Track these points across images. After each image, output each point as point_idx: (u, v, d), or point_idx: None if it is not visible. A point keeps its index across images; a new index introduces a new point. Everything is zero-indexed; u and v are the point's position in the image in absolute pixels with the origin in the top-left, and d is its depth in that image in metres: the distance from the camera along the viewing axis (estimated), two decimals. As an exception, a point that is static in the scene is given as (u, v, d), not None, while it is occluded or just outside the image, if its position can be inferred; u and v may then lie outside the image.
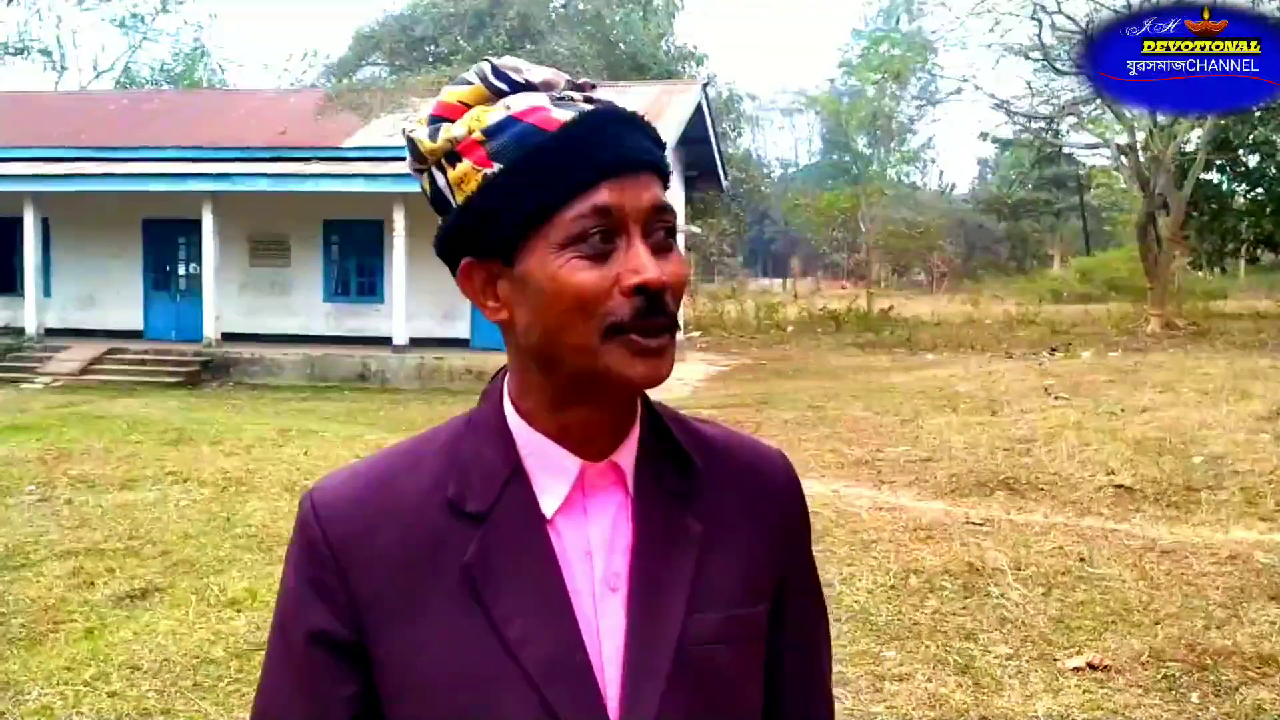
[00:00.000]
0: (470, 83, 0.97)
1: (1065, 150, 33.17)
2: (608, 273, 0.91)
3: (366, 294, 20.01)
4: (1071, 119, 28.12)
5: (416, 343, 17.93)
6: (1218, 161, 24.24)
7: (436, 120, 0.97)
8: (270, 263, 20.09)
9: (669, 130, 19.60)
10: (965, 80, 27.77)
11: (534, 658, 0.93)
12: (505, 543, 0.96)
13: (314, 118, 20.93)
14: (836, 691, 4.48)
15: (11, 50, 39.79)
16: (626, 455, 1.00)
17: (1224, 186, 25.90)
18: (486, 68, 0.97)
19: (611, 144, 0.93)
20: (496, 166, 0.93)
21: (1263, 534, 6.89)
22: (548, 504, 0.98)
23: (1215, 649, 4.82)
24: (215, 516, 7.62)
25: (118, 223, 19.65)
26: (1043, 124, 28.46)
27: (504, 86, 0.96)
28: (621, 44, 31.32)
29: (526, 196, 0.92)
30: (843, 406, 13.19)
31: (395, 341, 17.80)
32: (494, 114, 0.94)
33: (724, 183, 25.91)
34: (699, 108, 21.40)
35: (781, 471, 1.11)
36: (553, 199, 0.91)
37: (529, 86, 0.96)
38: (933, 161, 55.07)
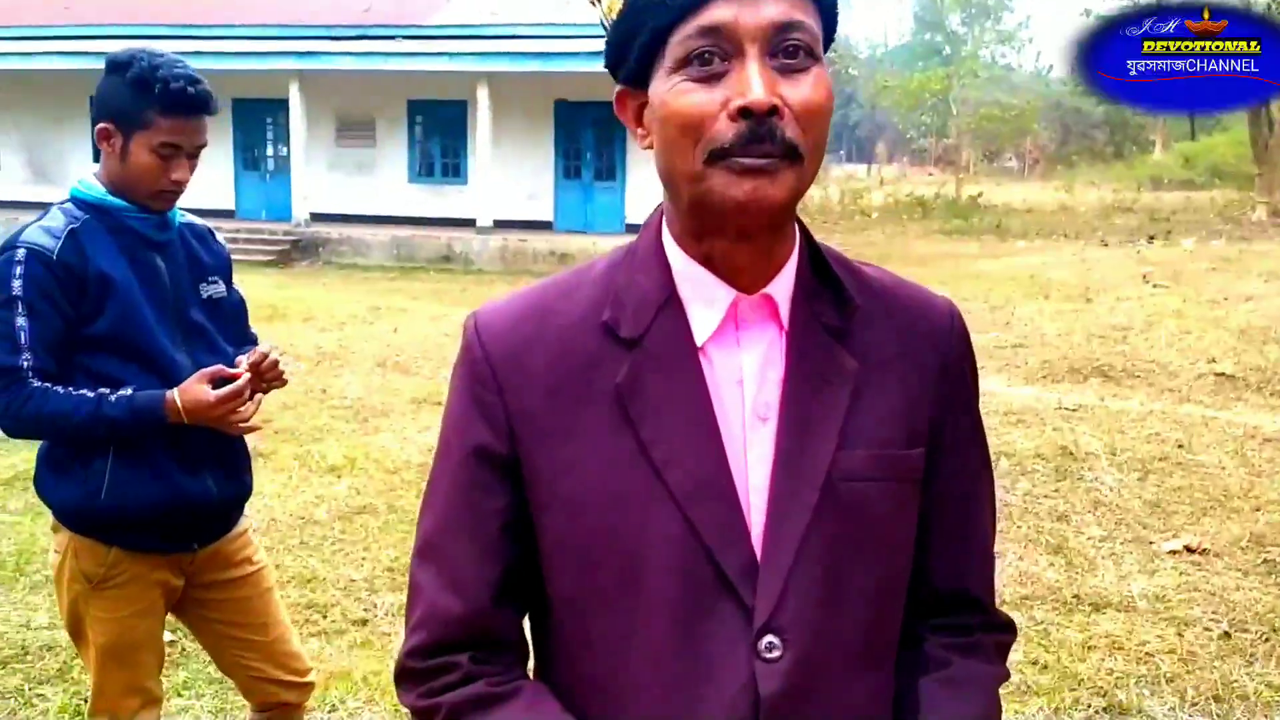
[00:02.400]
0: None
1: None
2: (716, 95, 0.89)
3: (451, 175, 20.06)
4: (1183, -6, 26.65)
5: (500, 224, 18.00)
6: (1341, 39, 22.82)
7: None
8: (356, 143, 20.19)
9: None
10: (1069, -47, 26.29)
11: (680, 479, 0.95)
12: (657, 367, 0.97)
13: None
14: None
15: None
16: (781, 288, 0.99)
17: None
18: None
19: None
20: None
21: (1371, 424, 6.67)
22: (700, 331, 0.98)
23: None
24: (312, 389, 7.84)
25: (207, 102, 19.85)
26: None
27: None
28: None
29: (646, 19, 0.91)
30: (931, 292, 12.96)
31: (479, 223, 17.89)
32: None
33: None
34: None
35: (946, 318, 1.08)
36: (663, 20, 0.90)
37: None
38: (1030, 41, 52.86)
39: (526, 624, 1.09)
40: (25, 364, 2.00)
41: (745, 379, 0.98)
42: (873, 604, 1.01)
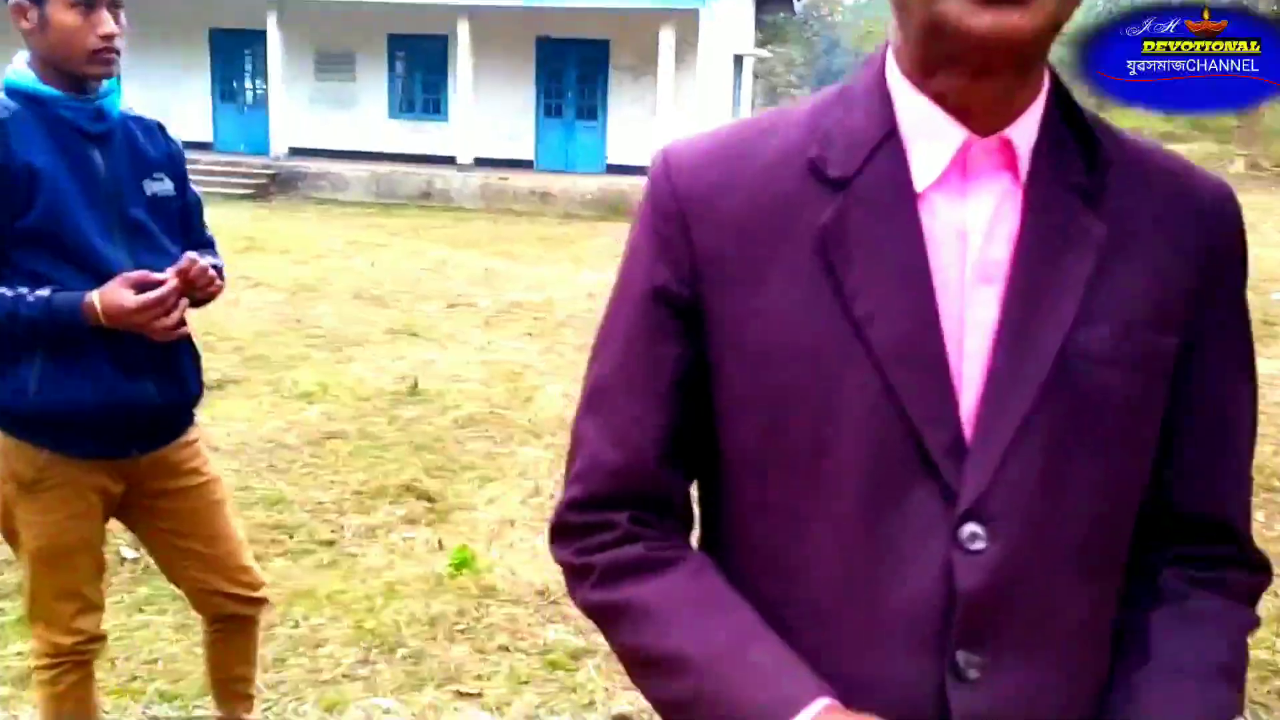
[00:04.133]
0: None
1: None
2: None
3: (431, 111, 19.85)
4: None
5: (481, 162, 17.87)
6: (1327, -8, 22.76)
7: None
8: (336, 77, 19.93)
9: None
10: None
11: (882, 337, 0.83)
12: (868, 211, 0.85)
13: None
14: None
15: None
16: (1022, 133, 0.86)
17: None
18: None
19: None
20: None
21: (1332, 370, 6.80)
22: (921, 176, 0.85)
23: (1281, 473, 4.87)
24: (287, 318, 7.85)
25: (184, 32, 19.50)
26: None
27: None
28: None
29: None
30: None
31: (459, 160, 17.75)
32: None
33: (795, 7, 24.95)
34: (775, -78, 20.43)
35: (1219, 198, 0.92)
36: None
37: None
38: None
39: (695, 491, 0.99)
40: None
41: (970, 232, 0.85)
42: (1099, 506, 0.88)
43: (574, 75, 19.02)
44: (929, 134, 0.85)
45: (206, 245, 2.33)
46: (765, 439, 0.88)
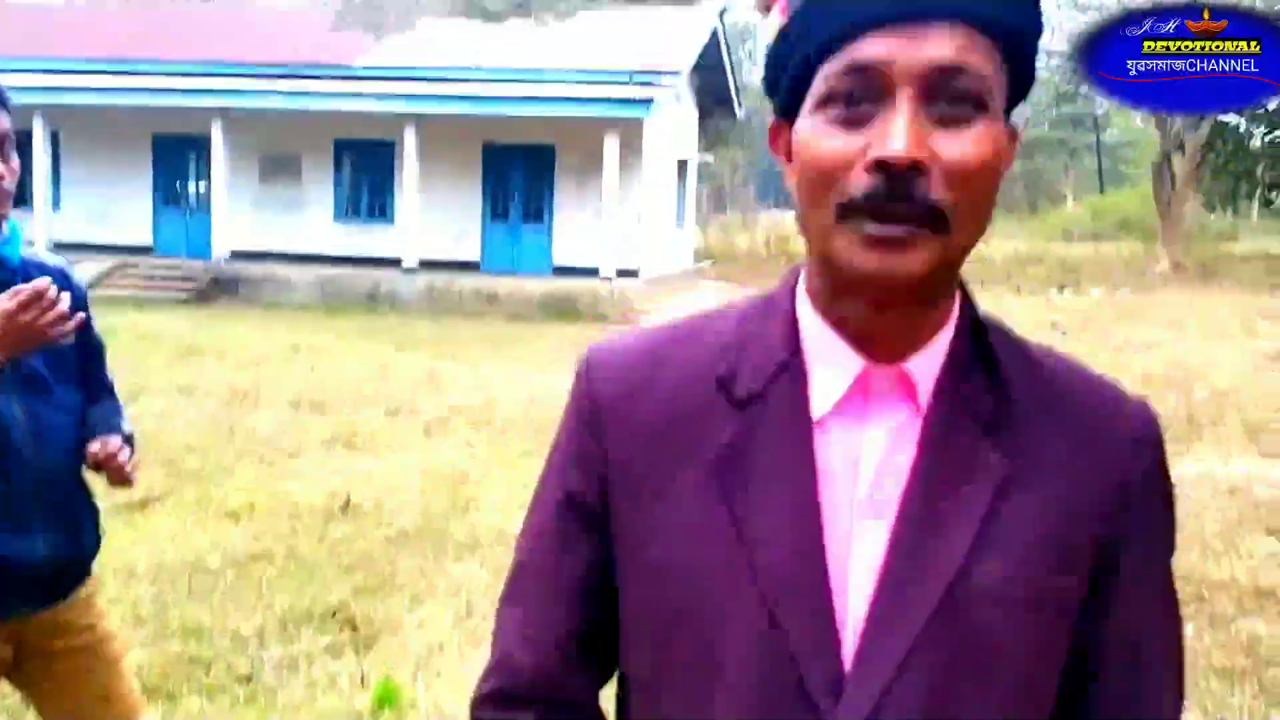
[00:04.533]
0: None
1: (1082, 89, 32.63)
2: (856, 142, 0.77)
3: (377, 215, 19.94)
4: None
5: (427, 265, 17.90)
6: (1240, 101, 23.82)
7: None
8: (282, 181, 19.99)
9: (682, 57, 19.32)
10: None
11: (769, 565, 0.83)
12: (765, 436, 0.85)
13: (327, 34, 20.65)
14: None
15: (21, -40, 39.20)
16: (924, 364, 0.84)
17: (1240, 128, 25.43)
18: None
19: None
20: (787, 15, 0.81)
21: (1262, 468, 6.90)
22: (819, 402, 0.85)
23: (1212, 581, 4.87)
24: (220, 427, 7.70)
25: (128, 137, 19.53)
26: (1060, 60, 27.97)
27: None
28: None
29: (797, 49, 0.80)
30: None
31: (405, 263, 17.78)
32: None
33: (738, 113, 25.57)
34: (714, 35, 21.05)
35: (1135, 424, 0.88)
36: (813, 52, 0.79)
37: None
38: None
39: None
40: None
41: (863, 462, 0.84)
42: None
43: (520, 179, 19.25)
44: (828, 360, 0.86)
45: (107, 391, 2.25)
46: (657, 658, 0.88)
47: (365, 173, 20.00)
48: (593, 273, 17.33)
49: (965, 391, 0.85)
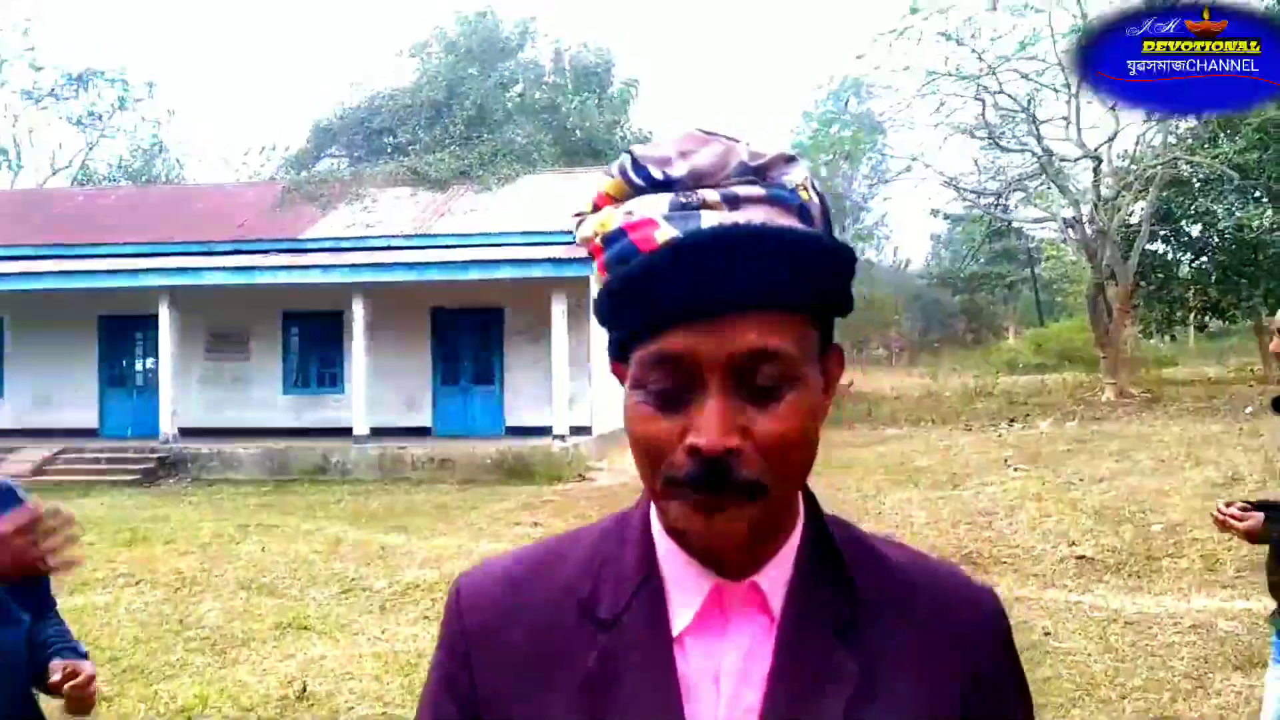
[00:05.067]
0: (613, 176, 0.86)
1: (1014, 224, 33.89)
2: (674, 425, 0.81)
3: (327, 385, 19.89)
4: (1019, 194, 28.83)
5: (378, 432, 17.78)
6: (1161, 232, 24.78)
7: (594, 208, 0.88)
8: (229, 356, 19.95)
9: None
10: (914, 159, 28.24)
11: None
12: (628, 657, 0.88)
13: (273, 210, 21.00)
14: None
15: (-34, 150, 39.70)
16: (773, 574, 0.88)
17: (1169, 256, 26.44)
18: (627, 160, 0.86)
19: (698, 279, 0.79)
20: (606, 279, 0.85)
21: (1224, 601, 6.92)
22: (678, 620, 0.88)
23: (1183, 722, 4.81)
24: (167, 619, 7.44)
25: (74, 320, 19.48)
26: (991, 199, 29.09)
27: (640, 182, 0.84)
28: (578, 130, 31.78)
29: (615, 322, 0.85)
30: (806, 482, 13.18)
31: (356, 432, 17.65)
32: (615, 219, 0.84)
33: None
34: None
35: (983, 615, 0.92)
36: (627, 335, 0.84)
37: (667, 183, 0.83)
38: (886, 238, 55.94)
39: None
40: None
41: (723, 676, 0.86)
42: None
43: (469, 342, 19.39)
44: (682, 581, 0.88)
45: (51, 607, 2.22)
46: None
47: (314, 343, 20.04)
48: (545, 431, 17.31)
49: (816, 596, 0.88)
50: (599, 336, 19.15)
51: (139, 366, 20.33)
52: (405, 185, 21.99)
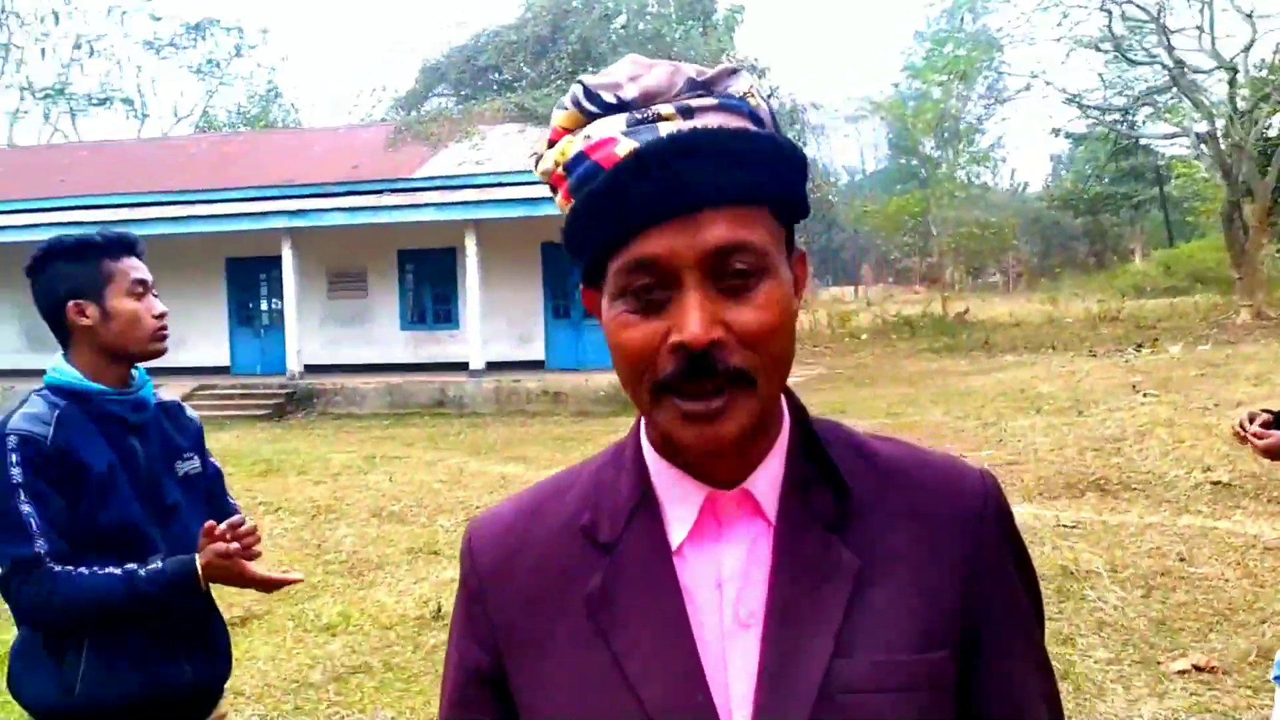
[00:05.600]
0: (566, 107, 0.89)
1: (1142, 141, 32.41)
2: (657, 328, 0.83)
3: (442, 321, 20.31)
4: (1147, 109, 27.54)
5: (493, 366, 18.14)
6: (1302, 144, 23.45)
7: (549, 145, 0.91)
8: (348, 295, 20.51)
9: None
10: (1034, 76, 27.26)
11: (654, 696, 0.87)
12: (630, 573, 0.91)
13: (385, 151, 21.34)
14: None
15: (95, 101, 41.26)
16: (763, 481, 0.91)
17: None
18: (579, 89, 0.89)
19: (664, 182, 0.81)
20: (571, 204, 0.87)
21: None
22: (675, 533, 0.91)
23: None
24: (306, 544, 7.79)
25: (202, 263, 20.22)
26: (1117, 116, 27.90)
27: (594, 108, 0.87)
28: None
29: (585, 241, 0.87)
30: (921, 412, 13.03)
31: (472, 366, 18.02)
32: (575, 145, 0.87)
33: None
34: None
35: (978, 495, 0.94)
36: (600, 248, 0.85)
37: (620, 106, 0.86)
38: (1003, 161, 54.30)
39: None
40: (42, 550, 1.97)
41: (725, 580, 0.89)
42: None
43: (579, 275, 19.50)
44: (676, 496, 0.92)
45: (232, 513, 2.37)
46: None
47: (429, 280, 20.43)
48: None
49: (808, 496, 0.92)
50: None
51: (264, 306, 21.05)
52: (513, 122, 22.08)
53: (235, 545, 2.07)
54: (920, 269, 46.78)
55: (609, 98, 0.87)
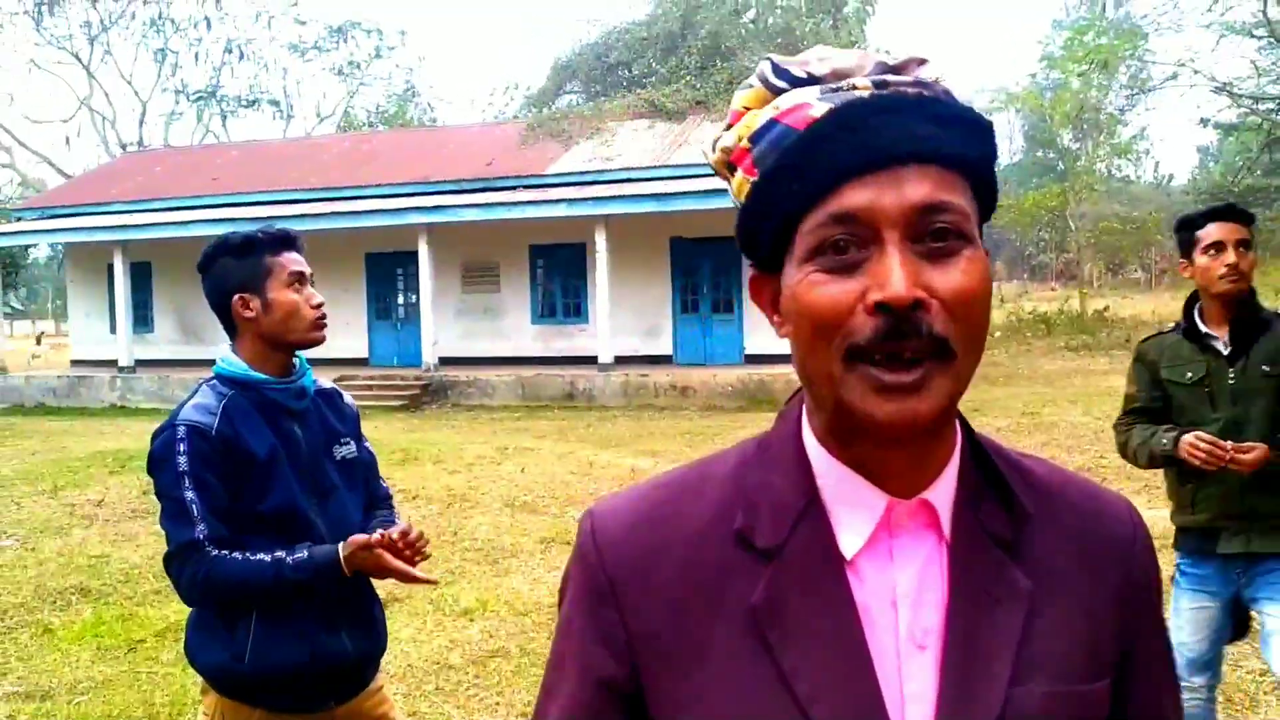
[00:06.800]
0: (752, 85, 0.87)
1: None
2: (852, 287, 0.79)
3: (572, 315, 20.63)
4: (1305, 97, 26.13)
5: (621, 360, 18.34)
6: None
7: (727, 129, 0.88)
8: (481, 289, 21.00)
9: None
10: (1181, 64, 26.08)
11: (827, 717, 0.81)
12: (798, 585, 0.85)
13: (518, 147, 21.77)
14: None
15: (244, 103, 43.16)
16: (942, 492, 0.87)
17: None
18: (766, 66, 0.86)
19: (865, 136, 0.79)
20: (758, 174, 0.84)
21: None
22: (848, 543, 0.85)
23: None
24: (444, 531, 8.04)
25: (343, 258, 20.98)
26: (1271, 105, 26.52)
27: (782, 84, 0.84)
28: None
29: (776, 205, 0.83)
30: (1060, 412, 12.67)
31: (601, 360, 18.26)
32: (762, 116, 0.84)
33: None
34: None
35: (1128, 523, 0.94)
36: (794, 206, 0.81)
37: (811, 80, 0.84)
38: (1147, 153, 51.95)
39: None
40: (201, 535, 2.13)
41: (900, 599, 0.85)
42: None
43: (707, 271, 19.57)
44: (851, 501, 0.86)
45: (384, 498, 2.51)
46: None
47: (559, 275, 20.76)
48: (784, 359, 17.22)
49: (982, 514, 0.87)
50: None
51: (400, 300, 21.71)
52: (643, 118, 22.26)
53: (375, 536, 2.20)
54: (1057, 265, 45.33)
55: (799, 73, 0.84)
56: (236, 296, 2.30)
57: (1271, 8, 22.07)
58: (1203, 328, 3.20)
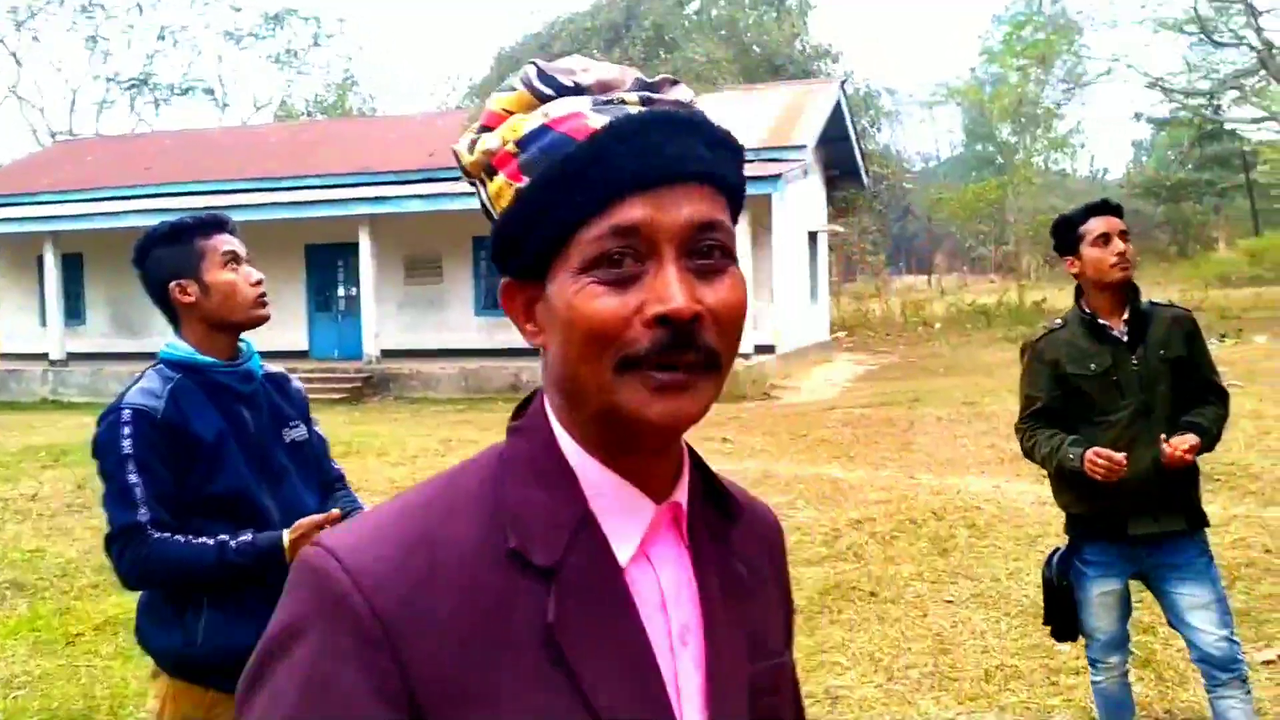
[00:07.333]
0: (515, 88, 0.87)
1: (1228, 126, 31.55)
2: (629, 300, 0.80)
3: (515, 307, 20.52)
4: (1234, 93, 26.78)
5: (565, 352, 18.29)
6: (1400, 128, 22.66)
7: (482, 131, 0.88)
8: (425, 281, 20.83)
9: (807, 131, 19.51)
10: (1116, 60, 26.67)
11: None
12: (584, 600, 0.83)
13: (459, 137, 21.57)
14: (1012, 685, 4.40)
15: (178, 90, 42.34)
16: (683, 493, 0.91)
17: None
18: (532, 71, 0.87)
19: (645, 152, 0.81)
20: (526, 180, 0.83)
21: None
22: (622, 551, 0.86)
23: None
24: (387, 523, 7.97)
25: (282, 249, 20.67)
26: (1202, 100, 27.19)
27: (549, 91, 0.85)
28: (756, 46, 31.29)
29: (549, 214, 0.82)
30: (998, 402, 12.85)
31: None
32: (530, 122, 0.84)
33: (865, 180, 25.57)
34: (837, 106, 21.21)
35: (775, 519, 1.08)
36: (571, 216, 0.81)
37: (578, 90, 0.85)
38: (1082, 146, 53.20)
39: None
40: (143, 519, 2.12)
41: (668, 600, 0.88)
42: None
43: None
44: (623, 510, 0.87)
45: (338, 479, 2.50)
46: None
47: (503, 267, 20.62)
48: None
49: (707, 513, 0.94)
50: (781, 254, 19.06)
51: (341, 292, 21.47)
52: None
53: (320, 517, 2.19)
54: (996, 257, 46.06)
55: (567, 81, 0.85)
56: (173, 283, 2.29)
57: (1202, 4, 22.59)
58: (1099, 320, 3.28)
